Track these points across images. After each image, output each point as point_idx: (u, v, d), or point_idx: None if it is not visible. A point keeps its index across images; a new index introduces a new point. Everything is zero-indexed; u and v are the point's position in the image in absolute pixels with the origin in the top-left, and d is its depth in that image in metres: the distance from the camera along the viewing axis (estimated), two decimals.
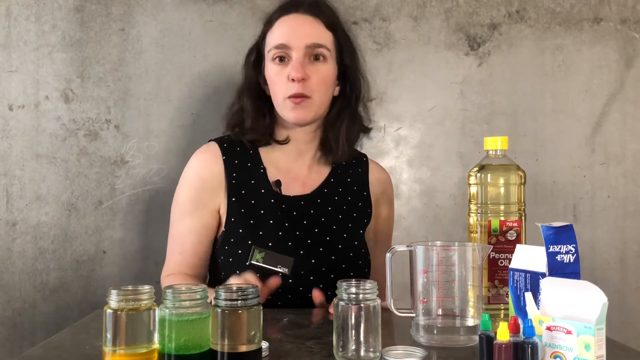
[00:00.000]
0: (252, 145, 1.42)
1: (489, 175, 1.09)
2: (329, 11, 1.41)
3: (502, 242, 1.06)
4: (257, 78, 1.42)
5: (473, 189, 1.10)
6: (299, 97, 1.34)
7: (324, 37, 1.37)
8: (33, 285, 1.67)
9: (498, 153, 1.10)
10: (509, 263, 0.98)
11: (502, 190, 1.08)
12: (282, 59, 1.35)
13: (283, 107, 1.36)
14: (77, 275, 1.68)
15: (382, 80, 1.75)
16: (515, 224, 1.07)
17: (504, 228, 1.07)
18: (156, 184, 1.70)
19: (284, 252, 1.25)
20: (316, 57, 1.35)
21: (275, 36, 1.36)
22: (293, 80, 1.32)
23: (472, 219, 1.09)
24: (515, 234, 1.07)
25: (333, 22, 1.40)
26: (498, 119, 1.79)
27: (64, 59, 1.68)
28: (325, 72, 1.37)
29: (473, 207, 1.10)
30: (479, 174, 1.09)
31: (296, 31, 1.35)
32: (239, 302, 0.82)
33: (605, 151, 1.80)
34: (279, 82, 1.35)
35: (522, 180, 1.09)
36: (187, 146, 1.70)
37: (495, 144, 1.10)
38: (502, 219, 1.07)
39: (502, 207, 1.08)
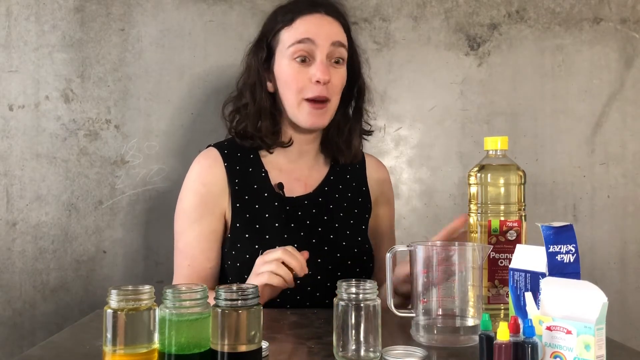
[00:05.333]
0: (253, 149, 1.41)
1: (489, 175, 1.09)
2: (344, 14, 1.41)
3: (502, 242, 1.06)
4: (265, 76, 1.38)
5: (473, 189, 1.10)
6: (321, 103, 1.33)
7: (344, 38, 1.37)
8: (33, 285, 1.67)
9: (498, 153, 1.10)
10: (509, 263, 0.98)
11: (502, 190, 1.08)
12: (303, 59, 1.32)
13: (299, 110, 1.34)
14: (77, 275, 1.68)
15: (382, 80, 1.75)
16: (515, 224, 1.07)
17: (504, 228, 1.07)
18: (156, 184, 1.70)
19: None
20: (336, 60, 1.35)
21: (299, 32, 1.32)
22: (317, 82, 1.31)
23: (472, 219, 1.09)
24: (515, 234, 1.07)
25: (348, 25, 1.41)
26: (498, 119, 1.79)
27: (64, 59, 1.68)
28: (343, 75, 1.37)
29: (473, 207, 1.10)
30: (479, 174, 1.09)
31: (322, 29, 1.33)
32: (239, 302, 0.82)
33: (605, 151, 1.80)
34: (298, 83, 1.32)
35: (522, 180, 1.09)
36: (187, 146, 1.70)
37: (495, 144, 1.10)
38: (502, 219, 1.07)
39: (502, 207, 1.08)
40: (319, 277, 1.31)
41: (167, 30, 1.71)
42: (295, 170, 1.43)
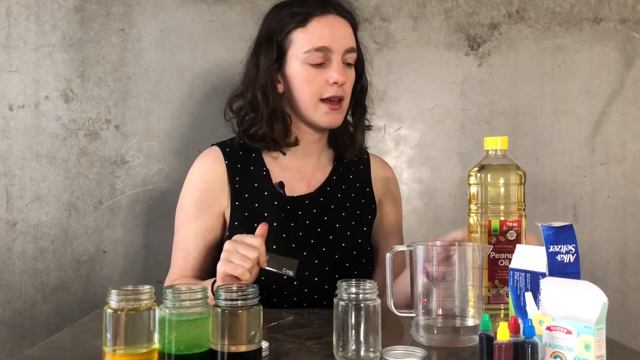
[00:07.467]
0: (256, 148, 1.40)
1: (489, 175, 1.09)
2: (353, 12, 1.41)
3: (502, 242, 1.06)
4: (276, 77, 1.37)
5: (473, 189, 1.10)
6: (337, 102, 1.34)
7: (354, 42, 1.39)
8: (33, 285, 1.67)
9: (498, 153, 1.10)
10: (509, 263, 0.98)
11: (502, 190, 1.08)
12: (318, 64, 1.33)
13: (315, 111, 1.34)
14: (77, 275, 1.68)
15: (382, 80, 1.75)
16: (515, 224, 1.07)
17: (504, 228, 1.07)
18: (156, 184, 1.70)
19: (288, 254, 1.25)
20: (348, 63, 1.36)
21: (315, 37, 1.32)
22: (335, 83, 1.32)
23: (472, 219, 1.09)
24: (515, 234, 1.07)
25: (356, 25, 1.42)
26: (498, 119, 1.79)
27: (64, 59, 1.68)
28: (353, 76, 1.39)
29: (473, 207, 1.10)
30: (479, 174, 1.09)
31: (337, 34, 1.34)
32: (239, 302, 0.82)
33: (605, 151, 1.80)
34: (314, 85, 1.33)
35: (522, 180, 1.09)
36: (187, 146, 1.70)
37: (495, 144, 1.10)
38: (502, 219, 1.07)
39: (502, 207, 1.08)
40: (316, 279, 1.31)
41: (167, 30, 1.71)
42: (299, 169, 1.42)
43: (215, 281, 1.16)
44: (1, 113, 1.67)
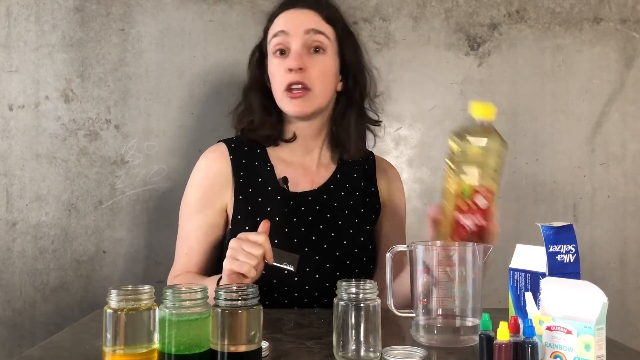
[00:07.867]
0: (260, 144, 1.42)
1: (468, 137, 1.06)
2: (327, 6, 1.42)
3: (471, 209, 1.05)
4: (262, 76, 1.43)
5: (451, 148, 1.08)
6: (299, 90, 1.33)
7: (322, 27, 1.38)
8: (33, 285, 1.67)
9: (484, 123, 1.08)
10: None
11: (480, 154, 1.06)
12: (282, 52, 1.36)
13: (282, 100, 1.37)
14: (77, 275, 1.68)
15: (382, 80, 1.74)
16: (487, 193, 1.05)
17: (475, 194, 1.05)
18: (156, 184, 1.70)
19: (289, 250, 1.25)
20: (316, 49, 1.36)
21: (276, 27, 1.37)
22: (291, 70, 1.33)
23: (447, 181, 1.08)
24: (484, 201, 1.05)
25: (333, 16, 1.41)
26: (498, 119, 1.77)
27: (64, 59, 1.68)
28: (325, 64, 1.37)
29: (448, 168, 1.08)
30: (458, 135, 1.07)
31: (294, 20, 1.37)
32: (239, 302, 0.82)
33: (605, 151, 1.80)
34: (278, 75, 1.36)
35: (503, 148, 1.07)
36: (188, 146, 1.70)
37: (481, 111, 1.08)
38: (476, 184, 1.06)
39: (476, 172, 1.06)
40: (317, 275, 1.31)
41: (167, 30, 1.71)
42: (302, 166, 1.43)
43: (220, 278, 1.16)
44: (1, 113, 1.67)
